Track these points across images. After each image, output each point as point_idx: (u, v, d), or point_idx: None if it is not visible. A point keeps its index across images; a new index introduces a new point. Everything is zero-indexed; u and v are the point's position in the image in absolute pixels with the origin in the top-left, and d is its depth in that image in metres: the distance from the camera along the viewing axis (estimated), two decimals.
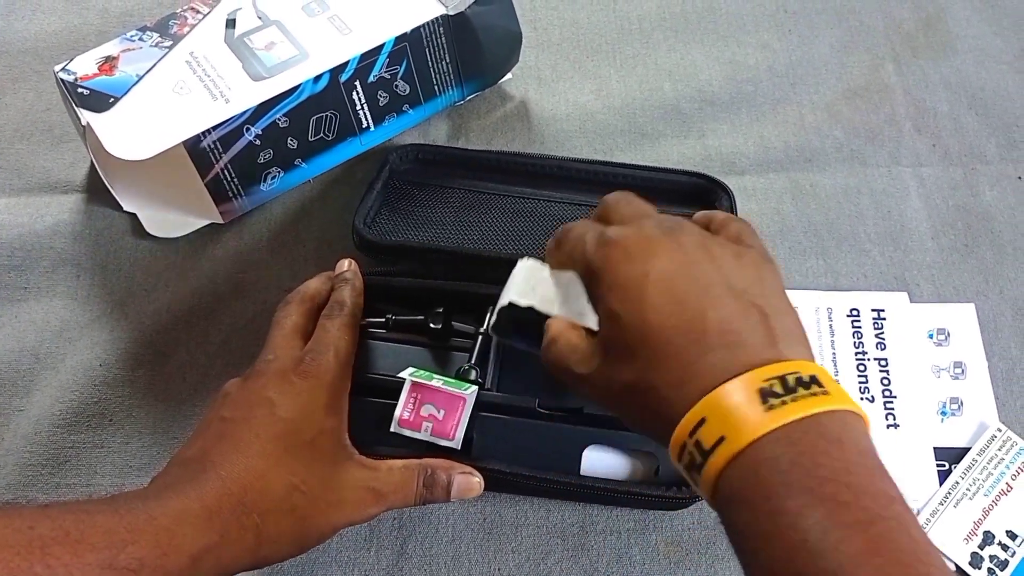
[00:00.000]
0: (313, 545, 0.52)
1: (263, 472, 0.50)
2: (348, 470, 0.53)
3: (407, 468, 0.55)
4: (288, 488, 0.50)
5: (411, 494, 0.55)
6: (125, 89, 0.67)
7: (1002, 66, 0.84)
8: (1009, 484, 0.63)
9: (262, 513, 0.48)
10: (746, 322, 0.41)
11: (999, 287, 0.72)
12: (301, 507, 0.50)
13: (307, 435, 0.52)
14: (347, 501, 0.52)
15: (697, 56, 0.85)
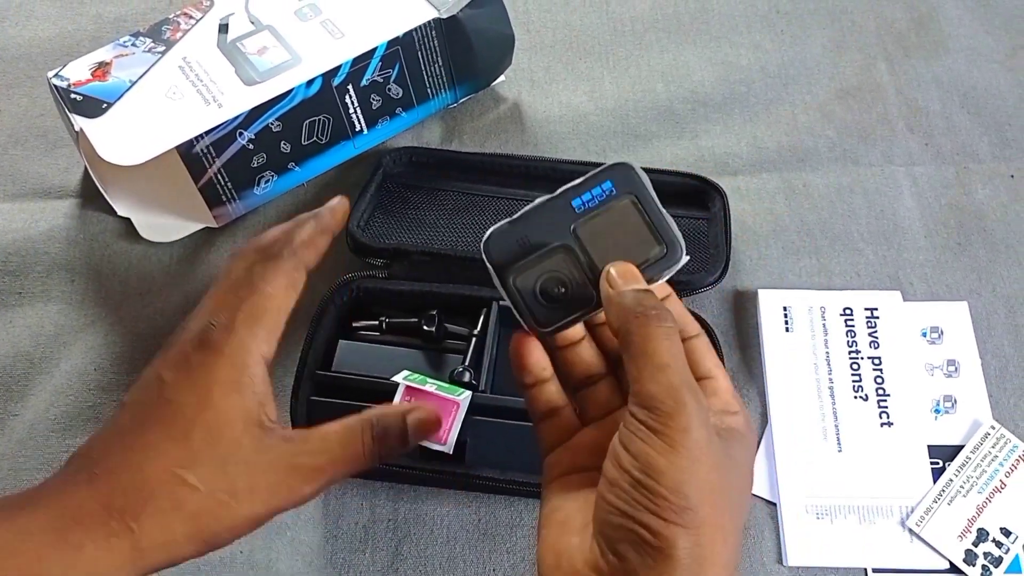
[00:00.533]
0: (226, 542, 0.44)
1: (139, 466, 0.42)
2: (263, 451, 0.44)
3: (346, 428, 0.46)
4: (171, 483, 0.42)
5: (357, 456, 0.46)
6: (118, 95, 0.68)
7: (993, 65, 0.84)
8: (1003, 481, 0.63)
9: (136, 516, 0.41)
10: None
11: (992, 285, 0.72)
12: (191, 504, 0.42)
13: (199, 418, 0.43)
14: (262, 487, 0.43)
15: (690, 57, 0.85)
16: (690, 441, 0.39)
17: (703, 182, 0.73)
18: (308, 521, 0.63)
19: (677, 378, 0.40)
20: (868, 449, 0.65)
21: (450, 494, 0.64)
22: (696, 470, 0.38)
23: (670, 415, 0.39)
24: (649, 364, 0.40)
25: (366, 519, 0.63)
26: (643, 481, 0.39)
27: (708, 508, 0.38)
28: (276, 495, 0.44)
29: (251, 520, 0.44)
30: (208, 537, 0.43)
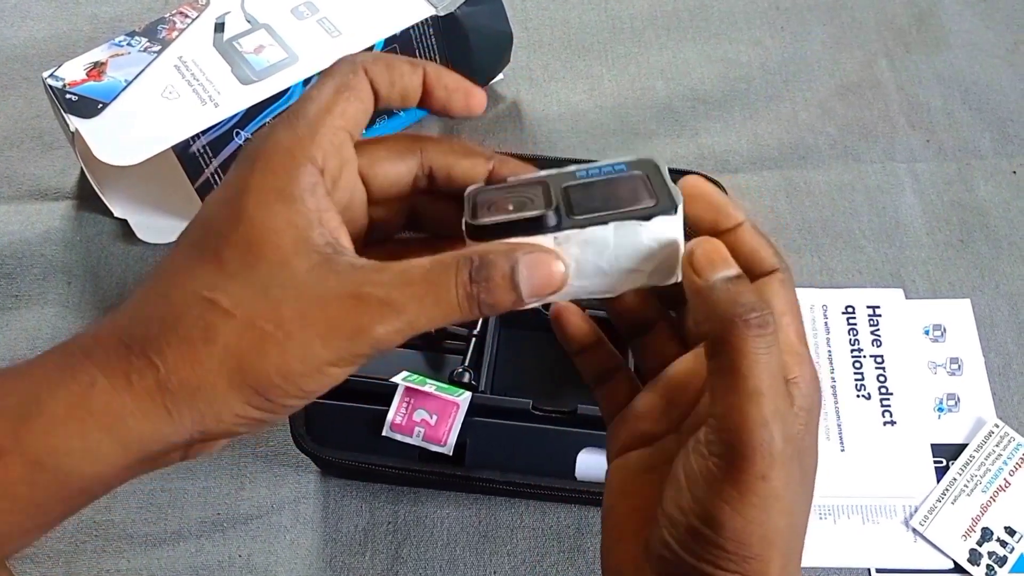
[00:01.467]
0: (279, 394, 0.34)
1: (164, 293, 0.34)
2: (318, 275, 0.34)
3: (435, 262, 0.35)
4: (199, 307, 0.33)
5: (447, 297, 0.35)
6: (114, 95, 0.67)
7: (995, 60, 0.84)
8: (1007, 480, 0.63)
9: (159, 349, 0.33)
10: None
11: (995, 282, 0.72)
12: (226, 333, 0.33)
13: (234, 233, 0.34)
14: (317, 318, 0.34)
15: (689, 54, 0.85)
16: (766, 489, 0.34)
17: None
18: (307, 524, 0.63)
19: (769, 409, 0.33)
20: (871, 448, 0.64)
21: (450, 496, 0.63)
22: (767, 520, 0.34)
23: (749, 457, 0.33)
24: (741, 389, 0.34)
25: (365, 522, 0.63)
26: (701, 532, 0.34)
27: (775, 551, 0.34)
28: (336, 330, 0.34)
29: (305, 361, 0.34)
30: (253, 381, 0.33)
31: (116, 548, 0.62)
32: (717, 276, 0.35)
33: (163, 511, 0.63)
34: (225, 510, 0.63)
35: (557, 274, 0.36)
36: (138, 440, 0.33)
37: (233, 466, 0.65)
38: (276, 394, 0.34)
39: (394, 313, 0.34)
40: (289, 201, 0.34)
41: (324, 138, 0.35)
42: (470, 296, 0.34)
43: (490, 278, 0.35)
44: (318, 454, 0.61)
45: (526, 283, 0.35)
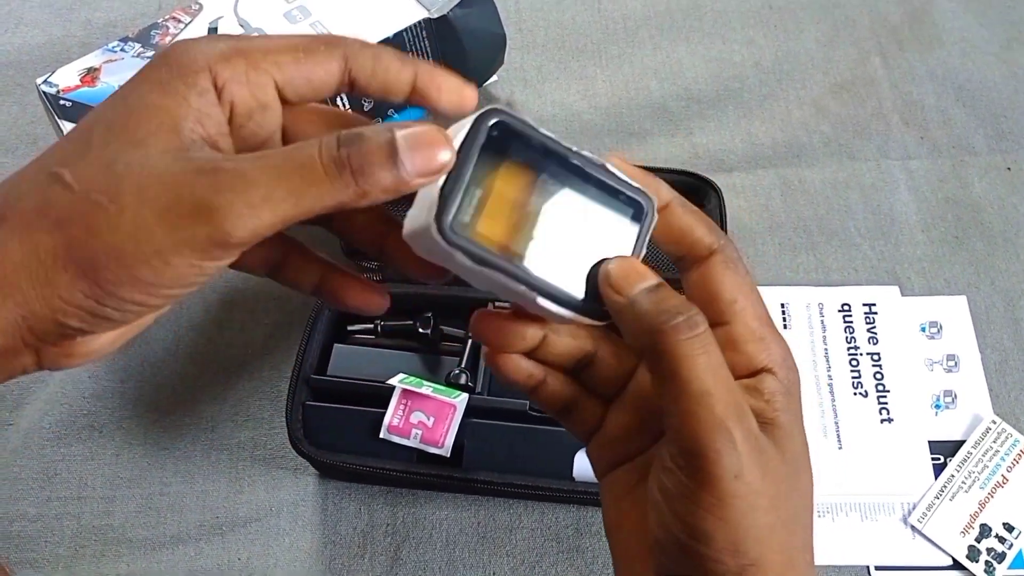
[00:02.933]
0: (109, 277, 0.31)
1: (24, 171, 0.33)
2: (173, 156, 0.31)
3: (300, 144, 0.32)
4: (45, 181, 0.31)
5: (312, 165, 0.31)
6: None
7: (988, 57, 0.84)
8: (1005, 476, 0.63)
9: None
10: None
11: (990, 278, 0.72)
12: (59, 206, 0.31)
13: (106, 114, 0.33)
14: (156, 190, 0.30)
15: (683, 54, 0.85)
16: (743, 488, 0.32)
17: (698, 179, 0.73)
18: (306, 527, 0.63)
19: (721, 408, 0.32)
20: (869, 446, 0.64)
21: (448, 498, 0.63)
22: (754, 520, 0.33)
23: (715, 460, 0.32)
24: (686, 394, 0.32)
25: (364, 524, 0.63)
26: (692, 547, 0.33)
27: (772, 553, 0.33)
28: (176, 206, 0.30)
29: (138, 240, 0.30)
30: (80, 257, 0.30)
31: (115, 552, 0.62)
32: (636, 290, 0.34)
33: (162, 515, 0.63)
34: (224, 513, 0.64)
35: (443, 148, 0.32)
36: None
37: (231, 470, 0.65)
38: (105, 278, 0.31)
39: (242, 182, 0.30)
40: (171, 94, 0.32)
41: (241, 69, 0.33)
42: (339, 161, 0.31)
43: (363, 144, 0.31)
44: (316, 457, 0.61)
45: (408, 156, 0.31)
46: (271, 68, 0.34)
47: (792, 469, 0.35)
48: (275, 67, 0.34)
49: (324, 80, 0.35)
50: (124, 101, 0.32)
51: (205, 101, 0.32)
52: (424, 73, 0.36)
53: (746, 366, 0.36)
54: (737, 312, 0.36)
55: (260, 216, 0.30)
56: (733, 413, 0.32)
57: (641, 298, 0.34)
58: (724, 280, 0.37)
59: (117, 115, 0.32)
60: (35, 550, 0.62)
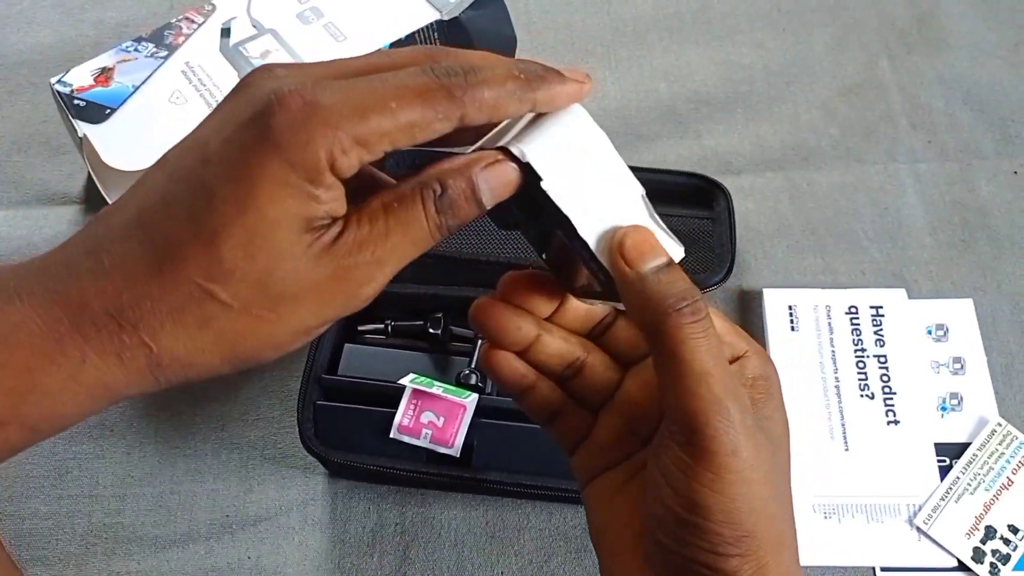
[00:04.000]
0: (269, 359, 0.35)
1: (158, 267, 0.33)
2: (314, 258, 0.34)
3: (400, 199, 0.35)
4: (198, 297, 0.33)
5: (422, 235, 0.35)
6: (121, 100, 0.68)
7: (996, 60, 0.84)
8: (1010, 478, 0.63)
9: (153, 334, 0.33)
10: None
11: (997, 282, 0.72)
12: (222, 322, 0.33)
13: (237, 221, 0.32)
14: (311, 297, 0.34)
15: (692, 57, 0.85)
16: (739, 463, 0.34)
17: (707, 182, 0.73)
18: (315, 526, 0.63)
19: (719, 387, 0.34)
20: (875, 448, 0.65)
21: (457, 497, 0.64)
22: (749, 493, 0.35)
23: (713, 436, 0.34)
24: (687, 374, 0.34)
25: (373, 523, 0.63)
26: (690, 520, 0.35)
27: (765, 525, 0.35)
28: (328, 304, 0.35)
29: (295, 333, 0.35)
30: (244, 355, 0.35)
31: (126, 550, 0.63)
32: (648, 267, 0.35)
33: (172, 513, 0.64)
34: (234, 512, 0.64)
35: (512, 178, 0.36)
36: (125, 396, 0.35)
37: (241, 468, 0.65)
38: (261, 360, 0.35)
39: (378, 269, 0.35)
40: (304, 198, 0.33)
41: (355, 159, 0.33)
42: (440, 226, 0.35)
43: (454, 202, 0.35)
44: (326, 456, 0.61)
45: (487, 195, 0.35)
46: (386, 146, 0.34)
47: (779, 451, 0.37)
48: (389, 144, 0.34)
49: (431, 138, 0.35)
50: (254, 207, 0.32)
51: (332, 195, 0.33)
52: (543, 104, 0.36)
53: (729, 354, 0.38)
54: (713, 315, 0.38)
55: (382, 284, 0.36)
56: (731, 393, 0.35)
57: (651, 276, 0.35)
58: None
59: (253, 224, 0.32)
60: (46, 547, 0.63)
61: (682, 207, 0.72)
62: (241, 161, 0.33)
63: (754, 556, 0.35)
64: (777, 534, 0.36)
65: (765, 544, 0.35)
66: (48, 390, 0.33)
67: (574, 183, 0.36)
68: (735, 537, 0.35)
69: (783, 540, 0.36)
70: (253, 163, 0.32)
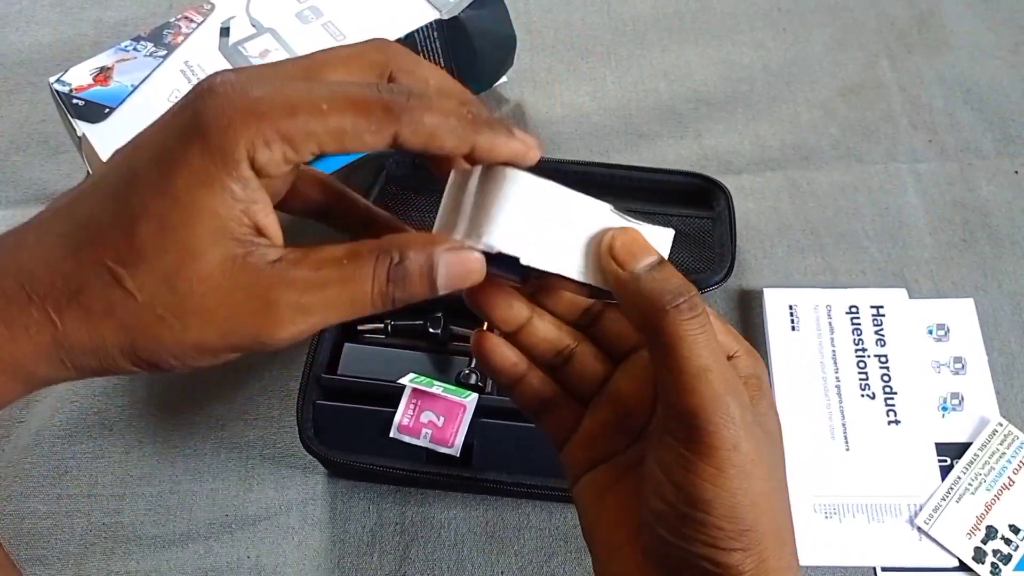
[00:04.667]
0: (170, 368, 0.35)
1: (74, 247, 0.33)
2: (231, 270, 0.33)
3: (353, 256, 0.34)
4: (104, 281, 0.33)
5: (362, 297, 0.34)
6: (120, 99, 0.67)
7: (996, 60, 0.84)
8: (1011, 478, 0.63)
9: (59, 308, 0.33)
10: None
11: (997, 281, 0.72)
12: (125, 312, 0.33)
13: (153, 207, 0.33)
14: (220, 316, 0.33)
15: (692, 56, 0.85)
16: (741, 457, 0.34)
17: (707, 181, 0.73)
18: (315, 525, 0.63)
19: (719, 383, 0.35)
20: (876, 447, 0.65)
21: (457, 497, 0.64)
22: (749, 487, 0.35)
23: (715, 432, 0.34)
24: (686, 371, 0.35)
25: (373, 523, 0.63)
26: (692, 515, 0.35)
27: (766, 519, 0.35)
28: (237, 331, 0.34)
29: (200, 348, 0.34)
30: (145, 356, 0.34)
31: (125, 550, 0.62)
32: (640, 265, 0.36)
33: (171, 513, 0.64)
34: (233, 512, 0.64)
35: (475, 270, 0.35)
36: (37, 379, 0.35)
37: (241, 468, 0.65)
38: (162, 366, 0.34)
39: (302, 316, 0.34)
40: (217, 190, 0.32)
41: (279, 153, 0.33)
42: (385, 294, 0.34)
43: (408, 275, 0.34)
44: (326, 456, 0.61)
45: (443, 279, 0.35)
46: (312, 147, 0.33)
47: (774, 446, 0.38)
48: (315, 146, 0.33)
49: (362, 151, 0.34)
50: (170, 195, 0.32)
51: (250, 191, 0.33)
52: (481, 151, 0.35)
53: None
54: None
55: (306, 334, 0.34)
56: (731, 388, 0.35)
57: (645, 275, 0.36)
58: None
59: (166, 211, 0.32)
60: (45, 547, 0.63)
61: (682, 207, 0.72)
62: (166, 146, 0.33)
63: (755, 550, 0.35)
64: (777, 528, 0.36)
65: (766, 538, 0.35)
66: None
67: (550, 243, 0.36)
68: (737, 531, 0.35)
69: (783, 535, 0.37)
70: (175, 147, 0.32)
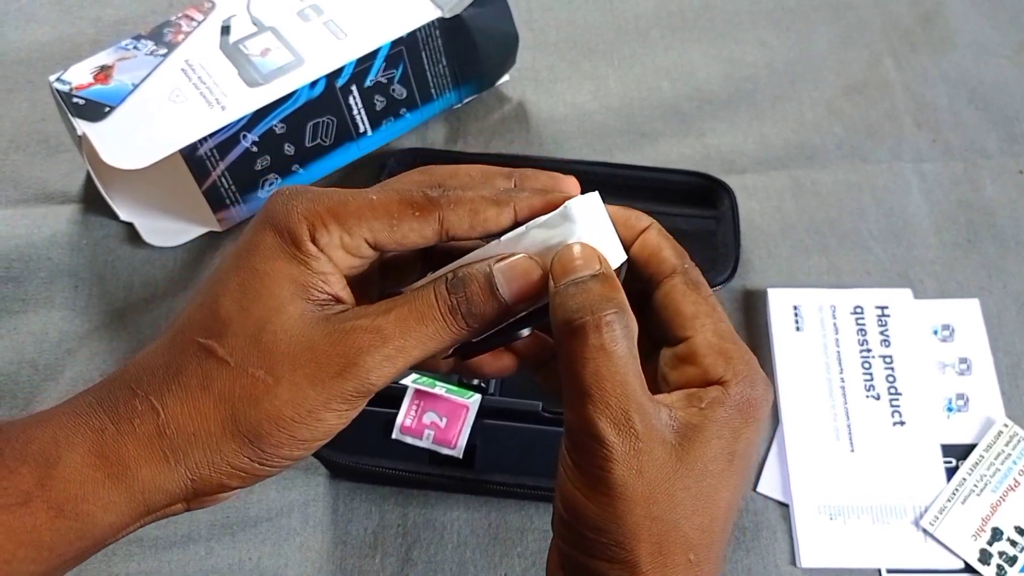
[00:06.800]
0: (273, 442, 0.35)
1: (169, 343, 0.36)
2: (311, 320, 0.36)
3: (415, 287, 0.38)
4: (198, 355, 0.35)
5: (432, 314, 0.36)
6: (121, 98, 0.67)
7: (1001, 60, 0.84)
8: (1017, 479, 0.63)
9: (160, 394, 0.35)
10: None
11: (1003, 281, 0.72)
12: (221, 380, 0.35)
13: (232, 280, 0.36)
14: (307, 360, 0.35)
15: (695, 55, 0.85)
16: (610, 479, 0.35)
17: (711, 181, 0.73)
18: (317, 527, 0.63)
19: (595, 410, 0.35)
20: (881, 449, 0.64)
21: (460, 499, 0.63)
22: (618, 507, 0.35)
23: (588, 451, 0.35)
24: (569, 389, 0.36)
25: (375, 524, 0.63)
26: (567, 520, 0.36)
27: (637, 541, 0.35)
28: (324, 369, 0.35)
29: (296, 405, 0.35)
30: (245, 428, 0.35)
31: (126, 552, 0.62)
32: (565, 280, 0.36)
33: None
34: (235, 513, 0.63)
35: (535, 273, 0.37)
36: (141, 488, 0.35)
37: None
38: (268, 443, 0.35)
39: (380, 339, 0.35)
40: (294, 260, 0.36)
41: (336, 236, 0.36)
42: (453, 309, 0.36)
43: (468, 287, 0.36)
44: (327, 457, 0.61)
45: (504, 285, 0.37)
46: (364, 233, 0.37)
47: (693, 477, 0.36)
48: (368, 232, 0.37)
49: (418, 242, 0.38)
50: (248, 268, 0.36)
51: (323, 264, 0.36)
52: (524, 212, 0.39)
53: (702, 377, 0.38)
54: (698, 327, 0.39)
55: (396, 364, 0.36)
56: (608, 415, 0.35)
57: (563, 290, 0.36)
58: (686, 297, 0.39)
59: (247, 281, 0.36)
60: None
61: (686, 206, 0.72)
62: (243, 240, 0.37)
63: (624, 565, 0.35)
64: (657, 552, 0.35)
65: (638, 557, 0.35)
66: (71, 462, 0.34)
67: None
68: (605, 544, 0.35)
69: (667, 559, 0.36)
70: (251, 238, 0.37)
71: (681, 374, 0.39)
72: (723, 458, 0.37)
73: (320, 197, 0.37)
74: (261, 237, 0.36)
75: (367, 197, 0.37)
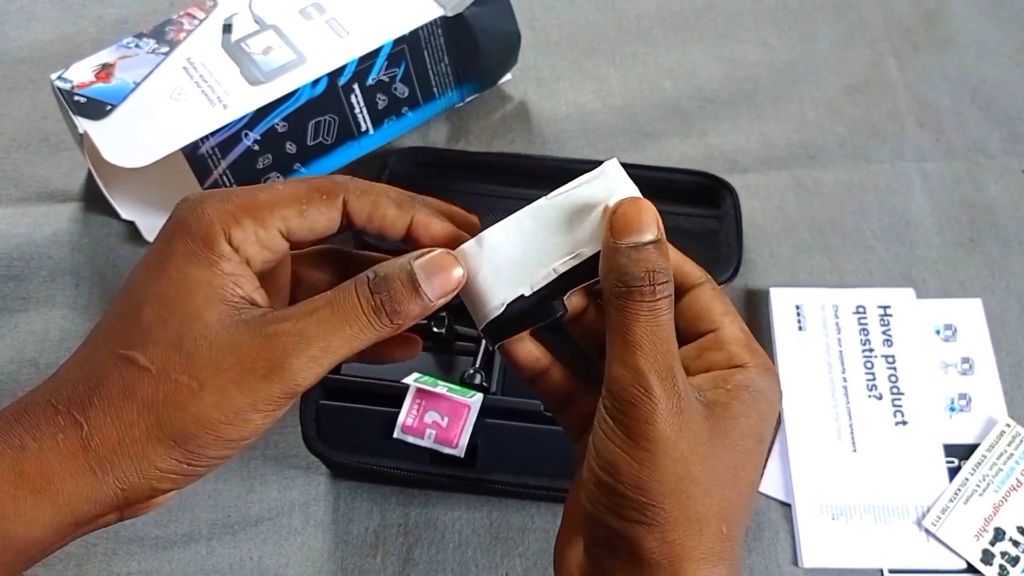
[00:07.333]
0: (202, 444, 0.35)
1: (88, 355, 0.37)
2: (230, 325, 0.36)
3: (337, 287, 0.38)
4: (119, 366, 0.35)
5: (355, 314, 0.37)
6: (122, 96, 0.67)
7: (1003, 59, 0.84)
8: (1019, 479, 0.63)
9: (83, 407, 0.35)
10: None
11: (1005, 281, 0.72)
12: (144, 388, 0.35)
13: (149, 291, 0.37)
14: (231, 363, 0.35)
15: (697, 54, 0.85)
16: (653, 432, 0.36)
17: (713, 180, 0.73)
18: (318, 526, 0.63)
19: (645, 361, 0.36)
20: (883, 448, 0.64)
21: (461, 498, 0.63)
22: (659, 463, 0.36)
23: (632, 403, 0.36)
24: (620, 343, 0.37)
25: (376, 524, 0.63)
26: (604, 480, 0.37)
27: (675, 501, 0.36)
28: (250, 372, 0.35)
29: (222, 407, 0.35)
30: (171, 432, 0.35)
31: (127, 551, 0.62)
32: (626, 241, 0.37)
33: (173, 514, 0.63)
34: (235, 512, 0.63)
35: (449, 264, 0.39)
36: (67, 502, 0.35)
37: (243, 468, 0.65)
38: (195, 444, 0.35)
39: (304, 341, 0.36)
40: (206, 264, 0.37)
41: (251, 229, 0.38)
42: (376, 308, 0.37)
43: (390, 286, 0.37)
44: (328, 456, 0.61)
45: (427, 284, 0.38)
46: (277, 223, 0.38)
47: (725, 448, 0.38)
48: (281, 221, 0.38)
49: (326, 227, 0.40)
50: (163, 276, 0.37)
51: (234, 265, 0.37)
52: (419, 224, 0.41)
53: (727, 361, 0.40)
54: (726, 323, 0.41)
55: (322, 365, 0.36)
56: (656, 368, 0.36)
57: (625, 250, 0.37)
58: (714, 300, 0.42)
59: (164, 290, 0.36)
60: None
61: (688, 205, 0.72)
62: (156, 249, 0.38)
63: (659, 528, 0.36)
64: (693, 517, 0.36)
65: (674, 520, 0.36)
66: (35, 487, 0.34)
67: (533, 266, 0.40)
68: (641, 504, 0.36)
69: (703, 526, 0.36)
70: (163, 246, 0.37)
71: (704, 360, 0.40)
72: (752, 437, 0.39)
73: (229, 196, 0.38)
74: (173, 244, 0.37)
75: (275, 187, 0.39)
